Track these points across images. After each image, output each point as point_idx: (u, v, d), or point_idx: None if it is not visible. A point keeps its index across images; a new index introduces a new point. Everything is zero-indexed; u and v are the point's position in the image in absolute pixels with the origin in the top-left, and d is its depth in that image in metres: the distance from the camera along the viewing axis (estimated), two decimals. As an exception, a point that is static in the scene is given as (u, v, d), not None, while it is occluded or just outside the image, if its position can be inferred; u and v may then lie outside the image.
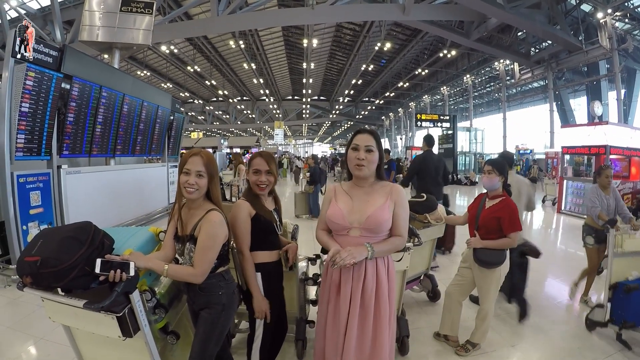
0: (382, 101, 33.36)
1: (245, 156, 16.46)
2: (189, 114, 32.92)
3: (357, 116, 39.25)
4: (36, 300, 2.92)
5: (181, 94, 28.30)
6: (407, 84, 26.79)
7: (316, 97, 38.28)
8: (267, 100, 33.52)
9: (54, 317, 1.53)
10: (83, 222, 1.45)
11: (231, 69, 27.07)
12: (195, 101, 33.99)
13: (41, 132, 4.02)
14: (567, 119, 16.80)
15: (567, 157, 10.82)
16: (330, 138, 61.05)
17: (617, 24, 12.72)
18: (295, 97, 38.20)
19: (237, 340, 2.59)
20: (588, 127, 9.36)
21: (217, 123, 39.49)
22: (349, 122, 42.52)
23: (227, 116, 36.68)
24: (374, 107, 37.87)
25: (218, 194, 1.63)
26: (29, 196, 3.88)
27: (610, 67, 13.67)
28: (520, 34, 16.80)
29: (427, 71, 24.20)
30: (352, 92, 30.82)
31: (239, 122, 37.87)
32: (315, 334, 1.83)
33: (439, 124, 19.71)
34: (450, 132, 19.22)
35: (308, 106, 36.26)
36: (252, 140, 30.95)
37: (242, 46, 19.47)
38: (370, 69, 22.87)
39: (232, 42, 18.18)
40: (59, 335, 2.27)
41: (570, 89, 17.56)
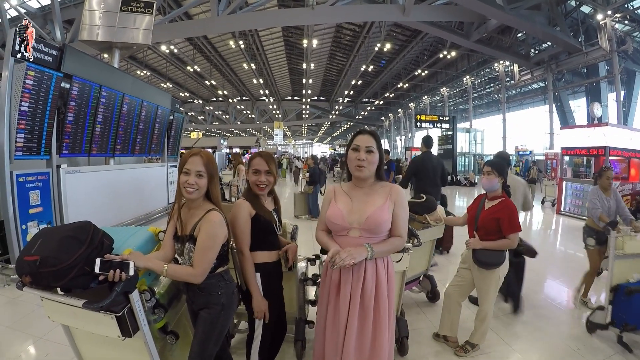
0: (381, 102, 33.39)
1: (245, 156, 16.47)
2: (189, 113, 32.93)
3: (357, 117, 39.25)
4: (35, 300, 2.91)
5: (181, 93, 28.29)
6: (407, 84, 26.80)
7: (316, 98, 38.27)
8: (266, 100, 33.50)
9: (53, 317, 1.53)
10: (82, 222, 1.45)
11: (231, 69, 27.06)
12: (195, 101, 33.98)
13: (41, 132, 4.02)
14: (566, 121, 16.81)
15: (567, 158, 10.86)
16: (329, 138, 61.08)
17: (616, 25, 12.73)
18: (295, 98, 38.19)
19: (237, 340, 2.59)
20: (587, 128, 9.40)
21: (217, 123, 39.50)
22: (349, 123, 42.53)
23: (227, 116, 36.68)
24: (373, 108, 37.89)
25: (218, 194, 1.63)
26: (29, 195, 3.87)
27: (610, 68, 13.69)
28: (520, 35, 16.81)
29: (426, 72, 24.23)
30: (351, 92, 30.85)
31: (238, 122, 37.86)
32: (314, 334, 1.83)
33: (439, 125, 19.73)
34: (449, 133, 19.24)
35: (308, 106, 36.27)
36: (252, 140, 30.93)
37: (242, 46, 19.47)
38: (370, 69, 22.88)
39: (232, 42, 18.19)
40: (58, 334, 2.27)
41: (569, 90, 17.57)
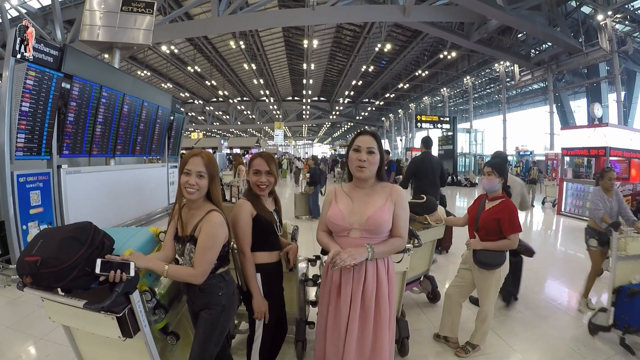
0: (382, 102, 33.39)
1: (245, 157, 16.46)
2: (189, 114, 32.95)
3: (357, 117, 39.26)
4: (36, 300, 2.91)
5: (181, 94, 28.30)
6: (407, 85, 26.80)
7: (316, 98, 38.29)
8: (267, 100, 33.49)
9: (54, 317, 1.53)
10: (83, 222, 1.45)
11: (231, 69, 27.08)
12: (196, 101, 33.99)
13: (41, 132, 4.02)
14: (567, 121, 16.80)
15: (567, 158, 10.85)
16: (330, 139, 61.07)
17: (617, 26, 12.73)
18: (296, 98, 38.20)
19: (237, 341, 2.58)
20: (588, 129, 9.40)
21: (217, 123, 39.51)
22: (349, 123, 42.53)
23: (227, 117, 36.71)
24: (374, 108, 37.88)
25: (218, 195, 1.64)
26: (29, 196, 3.87)
27: (610, 69, 13.69)
28: (520, 35, 16.81)
29: (427, 72, 24.22)
30: (352, 93, 30.84)
31: (239, 123, 37.89)
32: (315, 335, 1.83)
33: (439, 126, 19.75)
34: (450, 133, 19.24)
35: (308, 107, 36.28)
36: (252, 140, 30.97)
37: (243, 46, 19.48)
38: (370, 70, 22.87)
39: (232, 43, 18.19)
40: (59, 335, 2.27)
41: (570, 90, 17.57)
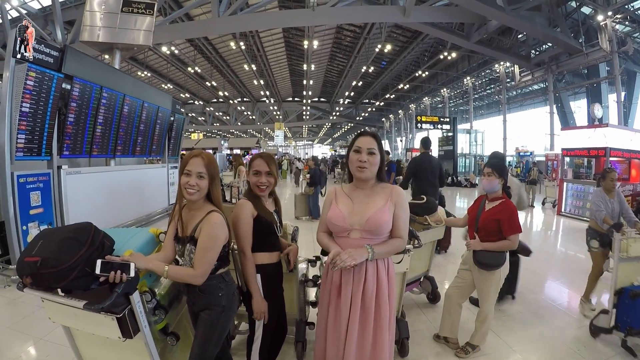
0: (382, 103, 33.43)
1: (246, 157, 16.47)
2: (190, 115, 32.98)
3: (358, 118, 39.30)
4: (36, 301, 2.92)
5: (182, 94, 28.34)
6: (408, 85, 26.82)
7: (316, 99, 38.33)
8: (267, 101, 33.54)
9: (54, 318, 1.53)
10: (83, 223, 1.45)
11: (232, 70, 27.10)
12: (196, 102, 34.03)
13: (41, 133, 4.03)
14: (567, 122, 16.80)
15: (567, 159, 10.85)
16: (330, 140, 61.08)
17: (617, 26, 12.73)
18: (296, 99, 38.22)
19: (237, 341, 2.58)
20: (588, 129, 9.40)
21: (218, 124, 39.54)
22: (349, 124, 42.56)
23: (228, 117, 36.73)
24: (374, 109, 37.89)
25: (219, 196, 1.64)
26: (29, 196, 3.88)
27: (611, 69, 13.69)
28: (520, 36, 16.82)
29: (427, 73, 24.25)
30: (352, 93, 30.88)
31: (239, 124, 37.90)
32: (315, 335, 1.83)
33: (439, 126, 19.75)
34: (450, 134, 19.25)
35: (308, 108, 36.30)
36: (252, 141, 30.96)
37: (243, 47, 19.50)
38: (370, 70, 22.92)
39: (232, 43, 18.21)
40: (59, 336, 2.27)
41: (570, 91, 17.56)
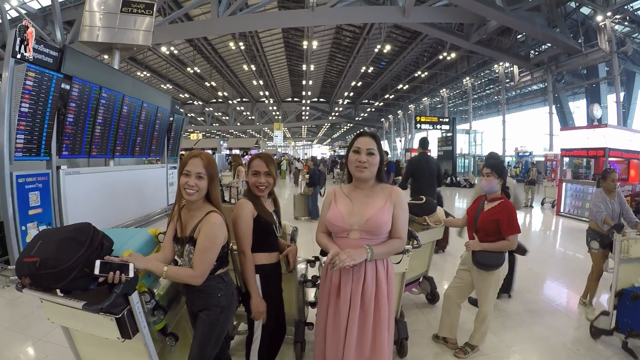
0: (381, 103, 33.44)
1: (245, 158, 16.47)
2: (189, 115, 32.96)
3: (357, 118, 39.31)
4: (35, 301, 2.91)
5: (181, 95, 28.32)
6: (407, 86, 26.86)
7: (316, 99, 38.32)
8: (266, 102, 33.54)
9: (53, 318, 1.53)
10: (82, 223, 1.45)
11: (231, 70, 27.10)
12: (195, 102, 34.02)
13: (41, 133, 4.02)
14: (566, 122, 16.83)
15: (566, 159, 10.87)
16: (329, 140, 61.09)
17: (616, 26, 12.76)
18: (295, 99, 38.22)
19: (236, 342, 2.58)
20: (587, 129, 9.42)
21: (217, 124, 39.53)
22: (349, 124, 42.57)
23: (227, 117, 36.73)
24: (373, 109, 37.92)
25: (218, 196, 1.64)
26: (28, 196, 3.87)
27: (610, 69, 13.72)
28: (519, 36, 16.85)
29: (426, 73, 24.28)
30: (351, 94, 30.90)
31: (238, 124, 37.89)
32: (314, 336, 1.83)
33: (439, 127, 19.77)
34: (449, 134, 19.25)
35: (307, 108, 36.31)
36: (252, 141, 30.93)
37: (242, 48, 19.51)
38: (369, 71, 22.94)
39: (232, 44, 18.22)
40: (58, 336, 2.27)
41: (569, 91, 17.59)
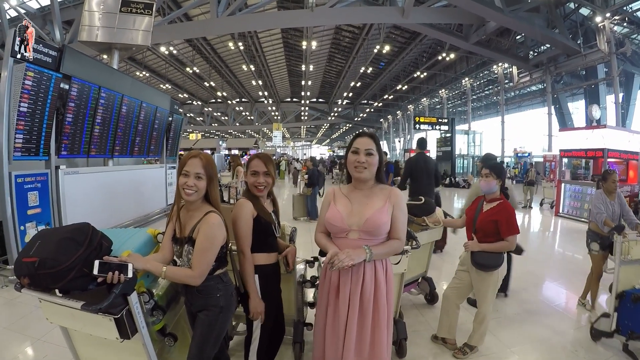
0: (380, 104, 33.48)
1: (244, 158, 16.46)
2: (188, 115, 32.95)
3: (356, 118, 39.32)
4: (34, 301, 2.91)
5: (180, 95, 28.30)
6: (406, 86, 26.89)
7: (315, 100, 38.34)
8: (265, 102, 33.53)
9: (52, 319, 1.53)
10: (81, 223, 1.44)
11: (230, 70, 27.09)
12: (194, 102, 33.99)
13: (39, 132, 4.01)
14: (565, 123, 16.87)
15: (565, 160, 10.89)
16: (328, 140, 61.12)
17: (615, 28, 12.80)
18: (294, 99, 38.24)
19: (235, 342, 2.58)
20: (586, 130, 9.44)
21: (216, 124, 39.51)
22: (348, 125, 42.59)
23: (226, 118, 36.71)
24: (372, 110, 37.95)
25: (217, 196, 1.63)
26: (27, 196, 3.86)
27: (609, 70, 13.76)
28: (518, 37, 16.89)
29: (425, 74, 24.32)
30: (350, 94, 30.91)
31: (237, 124, 37.90)
32: (313, 336, 1.83)
33: (437, 127, 19.78)
34: (448, 135, 19.26)
35: (307, 108, 36.31)
36: (251, 142, 30.90)
37: (241, 48, 19.51)
38: (369, 71, 22.97)
39: (231, 44, 18.22)
40: (57, 336, 2.26)
41: (568, 92, 17.64)
